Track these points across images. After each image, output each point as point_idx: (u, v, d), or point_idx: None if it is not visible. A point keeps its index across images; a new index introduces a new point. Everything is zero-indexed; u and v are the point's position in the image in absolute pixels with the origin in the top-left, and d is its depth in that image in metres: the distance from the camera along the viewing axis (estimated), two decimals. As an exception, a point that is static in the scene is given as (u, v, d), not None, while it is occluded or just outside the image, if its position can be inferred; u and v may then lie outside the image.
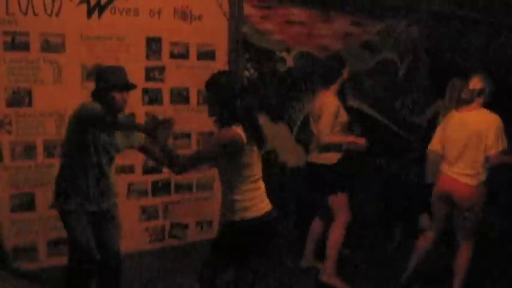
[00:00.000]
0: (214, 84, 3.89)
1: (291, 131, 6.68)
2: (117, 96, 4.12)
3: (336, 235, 5.37)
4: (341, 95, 5.67)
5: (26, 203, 5.14)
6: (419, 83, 7.85)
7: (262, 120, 6.36)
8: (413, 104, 7.78)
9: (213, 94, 3.88)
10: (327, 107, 5.24)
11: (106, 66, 4.28)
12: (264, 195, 3.99)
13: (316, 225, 5.68)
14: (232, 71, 5.93)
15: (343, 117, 5.36)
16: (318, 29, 6.82)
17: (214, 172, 5.95)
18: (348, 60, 5.92)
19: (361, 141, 5.35)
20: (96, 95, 4.19)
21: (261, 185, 3.99)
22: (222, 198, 4.00)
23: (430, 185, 5.48)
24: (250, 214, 3.84)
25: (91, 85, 5.16)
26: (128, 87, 4.22)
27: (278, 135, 6.51)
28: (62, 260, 5.16)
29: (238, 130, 3.75)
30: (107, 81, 4.12)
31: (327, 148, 5.32)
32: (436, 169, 5.29)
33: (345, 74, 5.42)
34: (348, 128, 5.58)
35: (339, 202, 5.38)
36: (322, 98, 5.39)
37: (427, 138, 5.56)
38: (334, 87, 5.40)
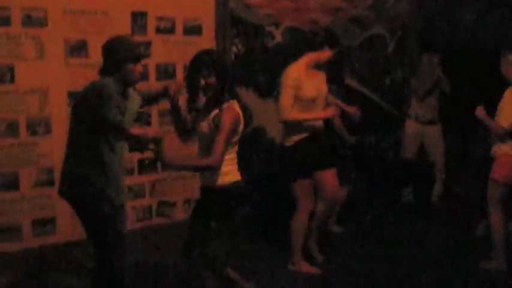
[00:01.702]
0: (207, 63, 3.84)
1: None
2: (133, 68, 3.82)
3: (296, 226, 5.01)
4: (337, 72, 5.52)
5: (10, 183, 5.02)
6: (408, 59, 7.76)
7: (251, 96, 6.35)
8: (403, 80, 7.68)
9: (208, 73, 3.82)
10: (283, 79, 4.85)
11: (115, 38, 3.91)
12: None
13: None
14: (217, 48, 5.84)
15: (308, 92, 4.83)
16: (306, 3, 6.70)
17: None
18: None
19: (351, 110, 5.06)
20: (107, 70, 3.83)
21: None
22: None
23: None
24: (231, 178, 3.91)
25: (74, 61, 5.18)
26: (142, 57, 4.00)
27: (267, 111, 6.39)
28: (47, 240, 5.18)
29: (236, 106, 3.84)
30: (120, 53, 3.79)
31: (287, 128, 4.92)
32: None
33: (326, 52, 4.87)
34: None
35: (298, 189, 4.97)
36: (286, 69, 4.95)
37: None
38: (307, 59, 4.93)
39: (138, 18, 5.53)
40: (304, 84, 4.79)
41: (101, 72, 3.86)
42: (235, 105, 3.87)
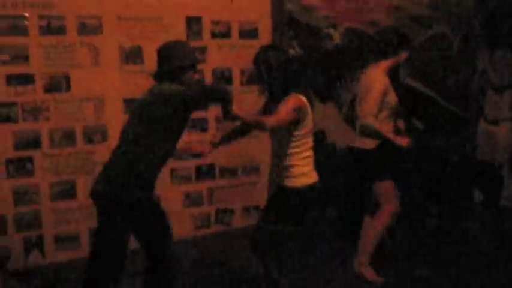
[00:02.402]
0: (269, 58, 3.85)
1: (340, 111, 6.40)
2: (192, 75, 3.76)
3: (377, 224, 4.84)
4: (396, 73, 5.32)
5: (67, 191, 5.01)
6: (473, 58, 7.46)
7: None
8: (468, 80, 7.39)
9: (268, 67, 3.84)
10: (374, 84, 4.67)
11: (174, 43, 3.80)
12: None
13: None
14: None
15: (392, 99, 4.74)
16: (365, 3, 6.50)
17: (260, 155, 5.79)
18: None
19: (403, 143, 4.63)
20: (165, 76, 3.71)
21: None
22: (275, 165, 4.03)
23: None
24: (307, 180, 3.88)
25: (130, 68, 5.14)
26: (199, 63, 3.95)
27: (326, 115, 6.24)
28: None
29: (302, 98, 3.84)
30: (182, 59, 3.69)
31: (367, 135, 4.73)
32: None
33: (403, 55, 4.78)
34: (405, 119, 5.18)
35: (383, 190, 4.83)
36: (370, 74, 4.82)
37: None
38: (387, 64, 4.78)
39: (193, 23, 5.45)
40: (390, 90, 4.71)
41: (157, 78, 3.76)
42: (299, 96, 3.83)
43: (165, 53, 3.74)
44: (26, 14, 4.74)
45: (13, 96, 4.75)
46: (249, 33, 5.76)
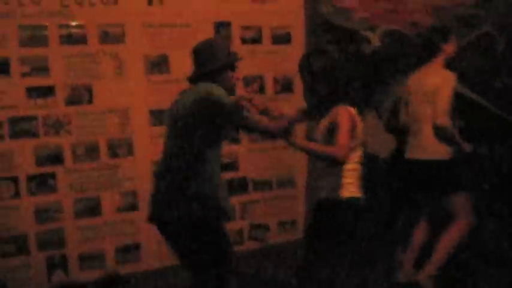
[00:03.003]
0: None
1: (380, 119, 6.07)
2: (231, 75, 3.55)
3: (453, 235, 4.54)
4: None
5: (91, 208, 4.79)
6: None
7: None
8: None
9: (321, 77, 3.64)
10: (446, 82, 4.39)
11: (209, 42, 3.58)
12: None
13: (421, 231, 4.81)
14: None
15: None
16: (405, 4, 6.16)
17: (295, 167, 5.51)
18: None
19: (467, 148, 4.47)
20: (202, 77, 3.48)
21: None
22: (321, 179, 3.74)
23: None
24: (353, 193, 3.65)
25: (155, 77, 4.91)
26: (237, 61, 3.65)
27: (365, 123, 5.91)
28: (131, 267, 4.92)
29: (352, 109, 3.63)
30: (219, 59, 3.47)
31: (443, 137, 4.41)
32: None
33: (450, 47, 4.56)
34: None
35: (460, 202, 4.52)
36: (434, 72, 4.53)
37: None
38: (440, 61, 4.56)
39: (222, 28, 5.18)
40: None
41: (193, 81, 3.53)
42: (349, 108, 3.59)
43: (200, 54, 3.52)
44: (46, 24, 4.55)
45: (34, 109, 4.56)
46: (282, 38, 5.48)
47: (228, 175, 5.25)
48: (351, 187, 3.64)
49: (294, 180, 5.64)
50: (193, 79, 3.52)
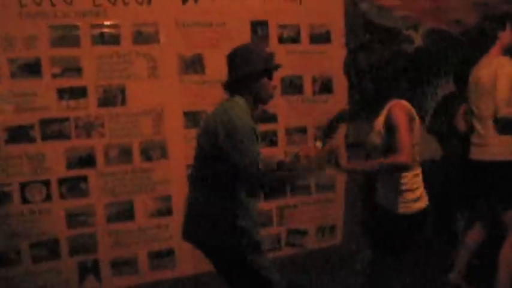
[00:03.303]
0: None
1: (423, 121, 5.83)
2: (268, 82, 3.33)
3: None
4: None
5: (124, 212, 4.66)
6: None
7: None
8: None
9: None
10: (502, 69, 4.13)
11: (244, 47, 3.39)
12: None
13: (476, 234, 4.61)
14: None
15: None
16: (447, 1, 5.93)
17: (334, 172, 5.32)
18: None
19: None
20: (236, 85, 3.33)
21: None
22: (380, 188, 3.55)
23: None
24: (421, 205, 3.41)
25: (190, 78, 4.75)
26: (276, 68, 3.44)
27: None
28: (165, 274, 4.80)
29: (406, 103, 3.36)
30: (254, 65, 3.27)
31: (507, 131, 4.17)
32: None
33: (507, 35, 4.30)
34: None
35: None
36: (490, 61, 4.29)
37: None
38: (496, 50, 4.32)
39: (259, 28, 5.01)
40: None
41: (227, 88, 3.36)
42: (402, 101, 3.33)
43: (234, 59, 3.34)
44: (78, 24, 4.44)
45: (65, 111, 4.45)
46: (321, 37, 5.27)
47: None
48: (417, 198, 3.39)
49: (333, 184, 5.43)
50: (227, 86, 3.36)
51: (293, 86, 5.21)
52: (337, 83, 5.27)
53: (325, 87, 5.30)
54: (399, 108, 3.26)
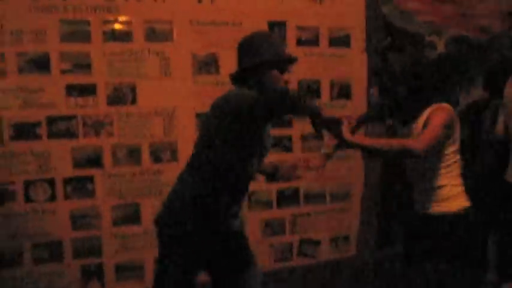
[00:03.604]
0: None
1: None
2: (278, 75, 3.05)
3: None
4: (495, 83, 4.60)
5: (131, 215, 4.50)
6: None
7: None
8: None
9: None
10: None
11: (256, 34, 3.14)
12: None
13: None
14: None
15: None
16: (473, 8, 5.74)
17: (351, 178, 5.15)
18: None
19: None
20: (241, 78, 3.11)
21: None
22: (418, 188, 3.30)
23: None
24: (460, 203, 3.20)
25: (203, 78, 4.59)
26: (291, 61, 3.16)
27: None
28: None
29: (450, 108, 3.16)
30: (264, 55, 3.01)
31: None
32: None
33: None
34: None
35: None
36: None
37: None
38: None
39: (276, 29, 4.84)
40: None
41: (234, 80, 3.16)
42: (444, 105, 3.14)
43: (242, 47, 3.13)
44: (89, 19, 4.29)
45: (73, 108, 4.30)
46: (340, 40, 5.10)
47: (279, 185, 4.93)
48: (456, 197, 3.19)
49: (349, 193, 5.24)
50: (234, 78, 3.15)
51: (310, 90, 5.03)
52: (355, 88, 5.09)
53: (344, 92, 5.12)
54: (442, 110, 3.08)
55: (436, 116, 3.05)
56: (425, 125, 3.08)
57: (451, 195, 3.16)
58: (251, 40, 3.10)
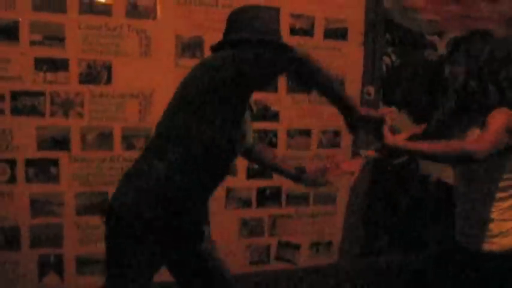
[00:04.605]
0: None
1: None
2: None
3: None
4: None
5: (97, 205, 4.14)
6: None
7: (403, 120, 5.15)
8: None
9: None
10: None
11: (246, 7, 2.83)
12: None
13: None
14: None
15: None
16: (479, 10, 5.43)
17: (338, 182, 4.81)
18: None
19: None
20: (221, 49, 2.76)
21: None
22: (463, 215, 2.87)
23: None
24: None
25: (186, 62, 4.22)
26: (275, 45, 2.73)
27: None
28: None
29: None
30: (248, 33, 2.69)
31: None
32: None
33: None
34: None
35: None
36: None
37: None
38: None
39: (269, 15, 4.53)
40: None
41: (213, 51, 2.82)
42: (506, 109, 2.64)
43: (231, 19, 2.82)
44: (66, -12, 3.95)
45: (41, 84, 3.94)
46: (337, 33, 4.77)
47: (260, 183, 4.62)
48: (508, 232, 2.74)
49: (334, 196, 4.92)
50: (214, 49, 2.82)
51: (300, 84, 4.72)
52: (349, 84, 4.78)
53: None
54: (501, 113, 2.59)
55: (495, 119, 2.56)
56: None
57: (502, 231, 2.74)
58: (239, 12, 2.80)
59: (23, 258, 4.03)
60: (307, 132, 4.76)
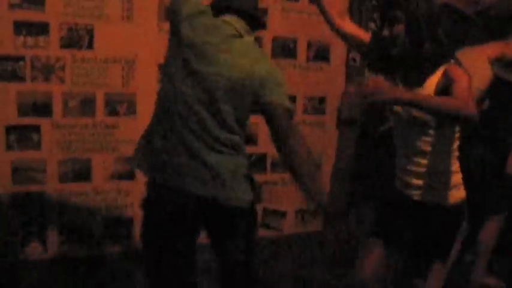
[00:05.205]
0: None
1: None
2: None
3: None
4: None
5: (80, 172, 4.09)
6: None
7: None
8: None
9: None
10: None
11: None
12: None
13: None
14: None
15: None
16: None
17: (322, 147, 4.81)
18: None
19: None
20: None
21: None
22: (427, 171, 2.82)
23: None
24: (463, 193, 2.86)
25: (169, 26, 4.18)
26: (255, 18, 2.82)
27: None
28: (122, 246, 4.28)
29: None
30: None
31: None
32: None
33: None
34: None
35: None
36: None
37: None
38: None
39: (253, -24, 4.46)
40: None
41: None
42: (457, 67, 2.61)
43: None
44: None
45: (21, 48, 3.84)
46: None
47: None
48: (461, 184, 2.84)
49: (320, 163, 4.89)
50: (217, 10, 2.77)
51: (286, 49, 4.67)
52: (334, 51, 4.76)
53: (321, 54, 4.78)
54: (459, 70, 2.57)
55: (459, 77, 2.51)
56: (441, 85, 2.59)
57: (457, 183, 2.81)
58: None
59: (5, 226, 3.97)
60: (292, 98, 4.71)
